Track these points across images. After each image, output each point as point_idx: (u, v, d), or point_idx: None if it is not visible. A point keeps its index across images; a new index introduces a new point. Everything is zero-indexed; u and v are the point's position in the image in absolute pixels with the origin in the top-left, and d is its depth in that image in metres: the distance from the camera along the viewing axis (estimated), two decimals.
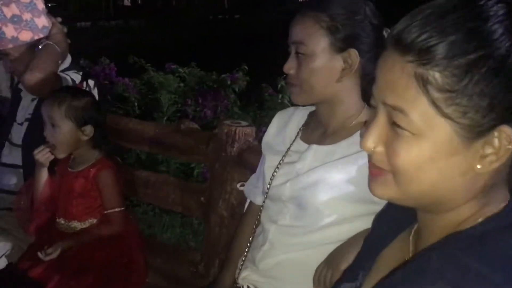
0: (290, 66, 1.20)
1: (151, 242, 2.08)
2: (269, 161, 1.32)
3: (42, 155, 1.65)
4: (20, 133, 1.89)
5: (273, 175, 1.29)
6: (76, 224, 1.69)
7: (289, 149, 1.31)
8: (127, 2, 28.80)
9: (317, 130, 1.28)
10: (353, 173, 1.15)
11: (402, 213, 0.75)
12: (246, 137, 1.70)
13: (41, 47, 1.80)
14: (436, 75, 0.60)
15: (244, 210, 1.49)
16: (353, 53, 1.16)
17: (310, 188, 1.19)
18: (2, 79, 2.00)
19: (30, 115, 1.88)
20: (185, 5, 24.70)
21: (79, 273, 1.59)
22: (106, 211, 1.68)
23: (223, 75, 4.22)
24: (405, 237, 0.76)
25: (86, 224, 1.70)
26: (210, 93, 3.91)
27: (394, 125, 0.64)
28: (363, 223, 1.09)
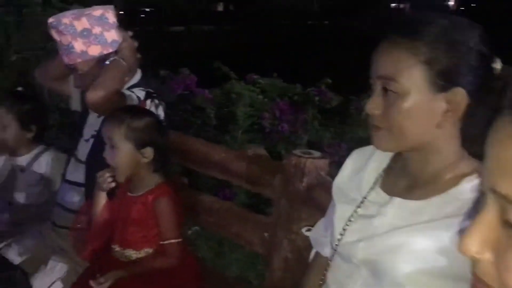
0: (375, 105, 0.97)
1: (211, 272, 1.94)
2: (340, 210, 1.11)
3: (104, 179, 1.57)
4: (85, 149, 1.84)
5: (343, 228, 1.08)
6: (131, 253, 1.59)
7: (365, 198, 1.08)
8: (220, 7, 29.57)
9: (403, 180, 1.04)
10: (446, 241, 0.90)
11: None
12: (317, 170, 1.50)
13: (108, 62, 1.73)
14: None
15: (310, 258, 1.29)
16: (460, 92, 0.91)
17: (389, 254, 0.96)
18: (73, 93, 1.97)
19: (96, 132, 1.82)
20: (275, 10, 24.80)
21: None
22: (163, 241, 1.57)
23: (308, 89, 4.02)
24: None
25: (141, 254, 1.59)
26: (290, 107, 3.73)
27: (507, 225, 0.45)
28: None
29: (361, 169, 1.14)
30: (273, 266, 1.57)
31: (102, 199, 1.61)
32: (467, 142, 0.97)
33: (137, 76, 1.87)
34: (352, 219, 1.07)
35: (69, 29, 1.70)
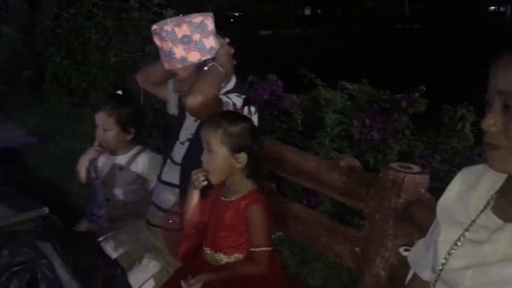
0: (493, 122, 0.89)
1: (294, 278, 1.92)
2: (445, 233, 1.04)
3: (197, 177, 1.61)
4: (181, 152, 1.90)
5: (449, 253, 1.01)
6: (222, 257, 1.61)
7: (474, 221, 1.00)
8: (307, 11, 29.50)
9: None
10: None
11: None
12: (416, 186, 1.42)
13: (206, 68, 1.77)
14: None
15: (407, 280, 1.22)
16: None
17: (501, 286, 0.88)
18: (170, 97, 2.04)
19: (191, 135, 1.87)
20: (364, 13, 24.27)
21: None
22: (253, 248, 1.57)
23: (397, 95, 3.87)
24: None
25: (231, 259, 1.61)
26: (380, 114, 3.61)
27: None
28: None
29: (470, 189, 1.06)
30: (363, 282, 1.51)
31: (195, 197, 1.65)
32: None
33: (232, 82, 1.90)
34: (459, 243, 1.00)
35: (170, 35, 1.76)
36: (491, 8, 28.67)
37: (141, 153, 2.11)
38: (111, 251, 1.85)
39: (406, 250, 1.25)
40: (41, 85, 6.54)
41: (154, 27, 1.80)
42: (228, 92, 1.83)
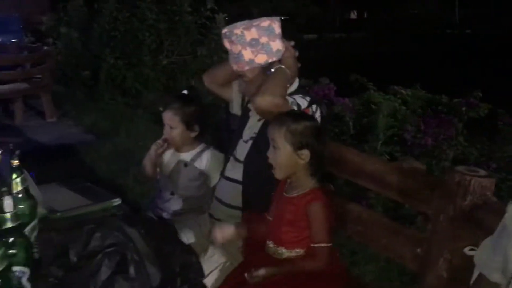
0: None
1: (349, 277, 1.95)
2: None
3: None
4: (244, 150, 1.97)
5: None
6: (284, 251, 1.68)
7: None
8: (353, 15, 29.25)
9: None
10: None
11: None
12: (482, 190, 1.43)
13: (273, 70, 1.85)
14: None
15: (472, 280, 1.24)
16: None
17: None
18: (234, 97, 2.12)
19: (255, 134, 1.95)
20: (411, 18, 23.83)
21: None
22: (313, 244, 1.63)
23: (455, 100, 3.82)
24: None
25: (292, 253, 1.67)
26: (436, 119, 3.58)
27: None
28: None
29: None
30: (425, 284, 1.53)
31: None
32: None
33: (295, 84, 1.96)
34: None
35: (239, 39, 1.84)
36: None
37: (205, 150, 2.20)
38: None
39: (471, 249, 1.27)
40: (95, 85, 6.80)
41: (224, 30, 1.89)
42: (292, 94, 1.90)
